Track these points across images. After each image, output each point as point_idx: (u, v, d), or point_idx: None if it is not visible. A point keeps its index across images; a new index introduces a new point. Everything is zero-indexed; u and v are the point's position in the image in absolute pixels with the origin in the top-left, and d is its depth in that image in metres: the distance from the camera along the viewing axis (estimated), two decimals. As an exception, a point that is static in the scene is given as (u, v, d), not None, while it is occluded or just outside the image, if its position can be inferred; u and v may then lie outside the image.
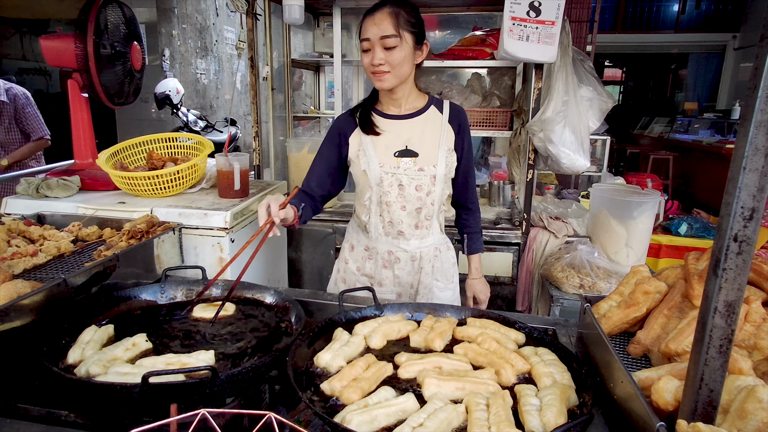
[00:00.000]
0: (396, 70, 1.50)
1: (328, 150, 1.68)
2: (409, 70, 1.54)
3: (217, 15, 6.69)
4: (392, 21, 1.45)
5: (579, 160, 2.47)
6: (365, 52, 1.51)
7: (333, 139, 1.68)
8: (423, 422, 0.84)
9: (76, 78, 2.11)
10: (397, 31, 1.45)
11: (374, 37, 1.46)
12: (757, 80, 0.55)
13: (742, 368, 0.82)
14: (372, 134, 1.61)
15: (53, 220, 1.83)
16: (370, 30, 1.47)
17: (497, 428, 0.82)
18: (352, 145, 1.65)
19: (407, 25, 1.48)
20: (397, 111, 1.64)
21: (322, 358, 1.06)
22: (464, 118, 1.66)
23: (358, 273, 1.77)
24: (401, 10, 1.47)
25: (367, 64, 1.52)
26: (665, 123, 9.21)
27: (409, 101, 1.63)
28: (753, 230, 0.58)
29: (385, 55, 1.47)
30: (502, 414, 0.85)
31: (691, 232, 3.26)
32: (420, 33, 1.53)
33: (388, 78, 1.51)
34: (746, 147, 0.56)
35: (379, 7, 1.49)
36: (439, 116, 1.64)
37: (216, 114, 6.67)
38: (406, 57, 1.50)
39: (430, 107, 1.65)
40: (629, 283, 1.19)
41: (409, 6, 1.51)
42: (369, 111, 1.64)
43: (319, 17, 3.64)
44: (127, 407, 1.00)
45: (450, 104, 1.67)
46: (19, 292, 1.13)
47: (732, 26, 9.71)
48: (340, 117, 1.71)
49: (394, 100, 1.62)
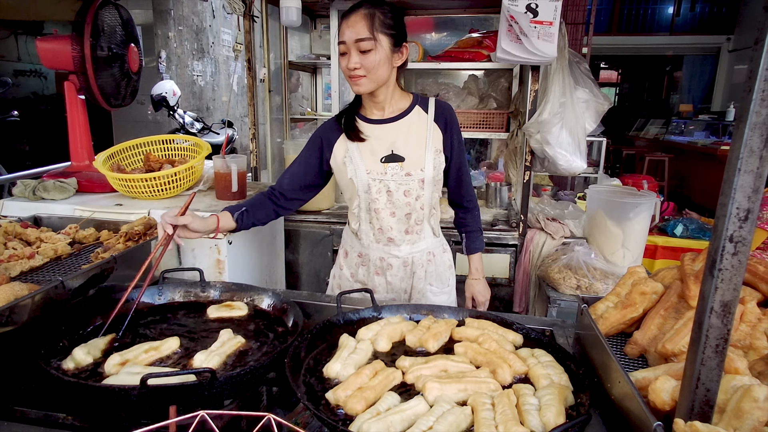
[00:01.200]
0: (372, 74, 1.46)
1: (308, 154, 1.64)
2: (387, 73, 1.49)
3: (214, 17, 6.68)
4: (367, 23, 1.41)
5: (576, 161, 2.48)
6: (342, 55, 1.47)
7: (315, 144, 1.63)
8: (432, 425, 0.84)
9: (72, 80, 2.10)
10: (372, 34, 1.41)
11: (349, 40, 1.43)
12: (751, 83, 0.55)
13: (738, 368, 0.82)
14: (357, 140, 1.57)
15: (50, 222, 1.83)
16: (345, 32, 1.43)
17: (504, 427, 0.82)
18: (337, 152, 1.61)
19: (383, 27, 1.43)
20: (381, 115, 1.60)
21: (331, 368, 1.04)
22: (451, 115, 1.61)
23: (352, 279, 1.75)
24: (377, 12, 1.42)
25: (344, 67, 1.48)
26: (660, 125, 9.26)
27: (392, 104, 1.59)
28: (748, 231, 0.59)
29: (360, 59, 1.43)
30: (509, 413, 0.85)
31: (686, 234, 3.27)
32: (398, 34, 1.48)
33: (364, 82, 1.47)
34: (741, 149, 0.57)
35: (355, 9, 1.44)
36: (425, 116, 1.59)
37: (212, 116, 6.67)
38: (382, 60, 1.45)
39: (414, 107, 1.60)
40: (626, 284, 1.20)
41: (387, 7, 1.46)
42: (353, 117, 1.60)
43: (315, 19, 3.64)
44: (125, 409, 1.00)
45: (435, 102, 1.62)
46: (17, 295, 1.13)
47: (726, 28, 9.79)
48: (324, 123, 1.67)
49: (376, 103, 1.58)
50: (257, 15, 2.77)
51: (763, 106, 0.55)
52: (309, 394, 0.99)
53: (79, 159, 2.23)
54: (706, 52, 10.30)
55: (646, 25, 10.35)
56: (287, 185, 1.64)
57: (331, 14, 3.00)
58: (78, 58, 1.98)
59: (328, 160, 1.63)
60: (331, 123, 1.64)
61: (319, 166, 1.64)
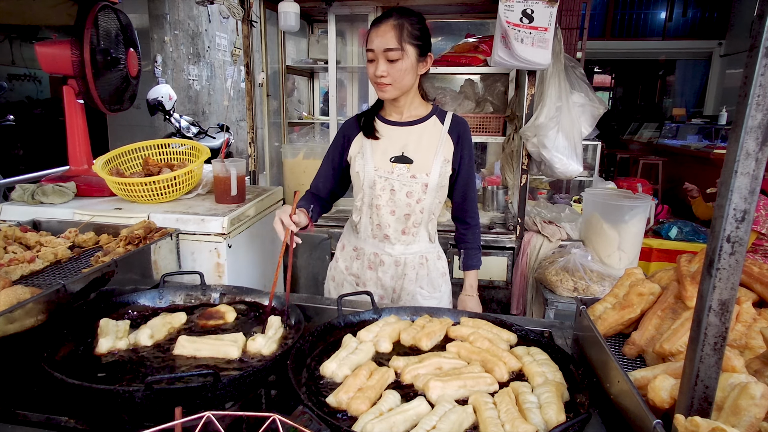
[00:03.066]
0: (397, 82, 1.52)
1: (333, 152, 1.75)
2: (412, 81, 1.56)
3: (210, 21, 6.70)
4: (396, 34, 1.47)
5: (572, 164, 2.51)
6: (370, 62, 1.53)
7: (338, 141, 1.74)
8: (435, 425, 0.85)
9: (71, 84, 2.10)
10: (400, 45, 1.47)
11: (378, 48, 1.48)
12: (747, 88, 0.57)
13: (735, 366, 0.84)
14: (372, 138, 1.64)
15: (49, 226, 1.83)
16: (374, 41, 1.49)
17: (512, 425, 0.84)
18: (353, 147, 1.69)
19: (410, 38, 1.49)
20: (398, 118, 1.66)
21: (327, 367, 1.06)
22: (465, 130, 1.66)
23: (346, 272, 1.80)
24: (405, 23, 1.48)
25: (371, 74, 1.54)
26: (654, 128, 9.33)
27: (411, 109, 1.65)
28: (745, 231, 0.61)
29: (387, 67, 1.49)
30: (513, 411, 0.87)
31: (681, 236, 3.31)
32: (424, 45, 1.54)
33: (390, 90, 1.54)
34: (738, 152, 0.58)
35: (385, 18, 1.50)
36: (440, 126, 1.65)
37: (208, 120, 6.67)
38: (409, 69, 1.51)
39: (431, 117, 1.66)
40: (623, 285, 1.22)
41: (415, 17, 1.52)
42: (372, 117, 1.68)
43: (313, 24, 3.66)
44: (128, 411, 1.00)
45: (453, 116, 1.68)
46: (19, 298, 1.13)
47: (717, 34, 9.90)
48: (347, 121, 1.76)
49: (396, 107, 1.65)
50: (256, 20, 2.79)
51: (758, 110, 0.57)
52: (309, 395, 0.99)
53: (78, 163, 2.23)
54: (698, 56, 10.41)
55: (639, 30, 10.45)
56: (323, 185, 1.76)
57: (329, 19, 3.01)
58: (78, 63, 1.98)
59: (348, 155, 1.71)
60: (352, 121, 1.73)
61: (341, 162, 1.73)
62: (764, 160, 0.59)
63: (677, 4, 10.06)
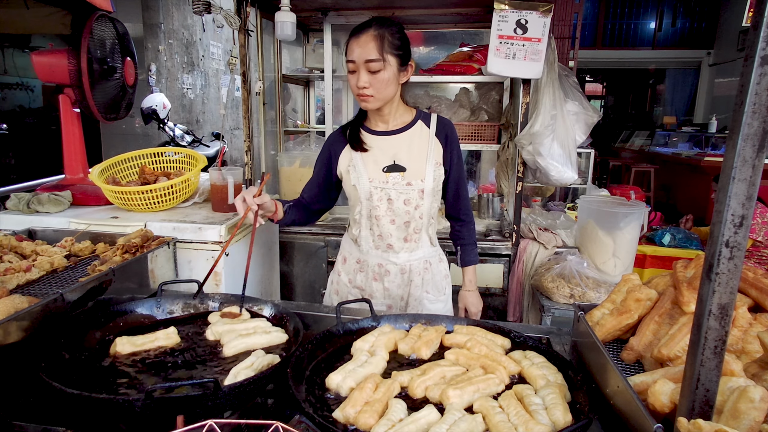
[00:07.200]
0: (380, 93, 1.51)
1: (320, 166, 1.73)
2: (394, 91, 1.56)
3: (204, 30, 6.71)
4: (377, 44, 1.45)
5: (567, 172, 2.53)
6: (351, 73, 1.52)
7: (324, 156, 1.72)
8: None
9: (68, 93, 2.10)
10: (382, 55, 1.46)
11: (359, 59, 1.47)
12: (743, 96, 0.59)
13: (734, 370, 0.85)
14: (361, 151, 1.63)
15: (44, 235, 1.81)
16: (355, 51, 1.48)
17: (525, 428, 0.84)
18: (342, 161, 1.67)
19: (392, 48, 1.48)
20: (385, 127, 1.66)
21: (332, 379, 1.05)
22: (452, 131, 1.67)
23: (350, 285, 1.78)
24: (386, 33, 1.47)
25: (353, 85, 1.53)
26: (645, 136, 9.43)
27: (396, 117, 1.65)
28: (743, 236, 0.62)
29: (369, 78, 1.48)
30: (523, 414, 0.87)
31: (674, 243, 3.34)
32: (405, 54, 1.53)
33: (372, 101, 1.53)
34: (735, 158, 0.60)
35: (365, 28, 1.48)
36: (426, 130, 1.66)
37: (202, 128, 6.66)
38: (391, 79, 1.51)
39: (417, 122, 1.66)
40: (621, 291, 1.23)
41: (395, 27, 1.51)
42: (358, 128, 1.66)
43: (308, 33, 3.69)
44: (126, 421, 0.99)
45: (438, 118, 1.68)
46: (17, 308, 1.13)
47: (706, 43, 10.07)
48: (331, 135, 1.74)
49: (381, 116, 1.64)
50: (252, 29, 2.80)
51: (755, 118, 0.58)
52: (311, 405, 0.99)
53: (74, 172, 2.22)
54: (688, 66, 10.58)
55: (629, 39, 10.61)
56: (308, 196, 1.75)
57: (325, 28, 3.04)
58: (74, 72, 1.98)
59: (336, 170, 1.69)
60: (337, 134, 1.71)
61: (330, 176, 1.72)
62: (761, 166, 0.60)
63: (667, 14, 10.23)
